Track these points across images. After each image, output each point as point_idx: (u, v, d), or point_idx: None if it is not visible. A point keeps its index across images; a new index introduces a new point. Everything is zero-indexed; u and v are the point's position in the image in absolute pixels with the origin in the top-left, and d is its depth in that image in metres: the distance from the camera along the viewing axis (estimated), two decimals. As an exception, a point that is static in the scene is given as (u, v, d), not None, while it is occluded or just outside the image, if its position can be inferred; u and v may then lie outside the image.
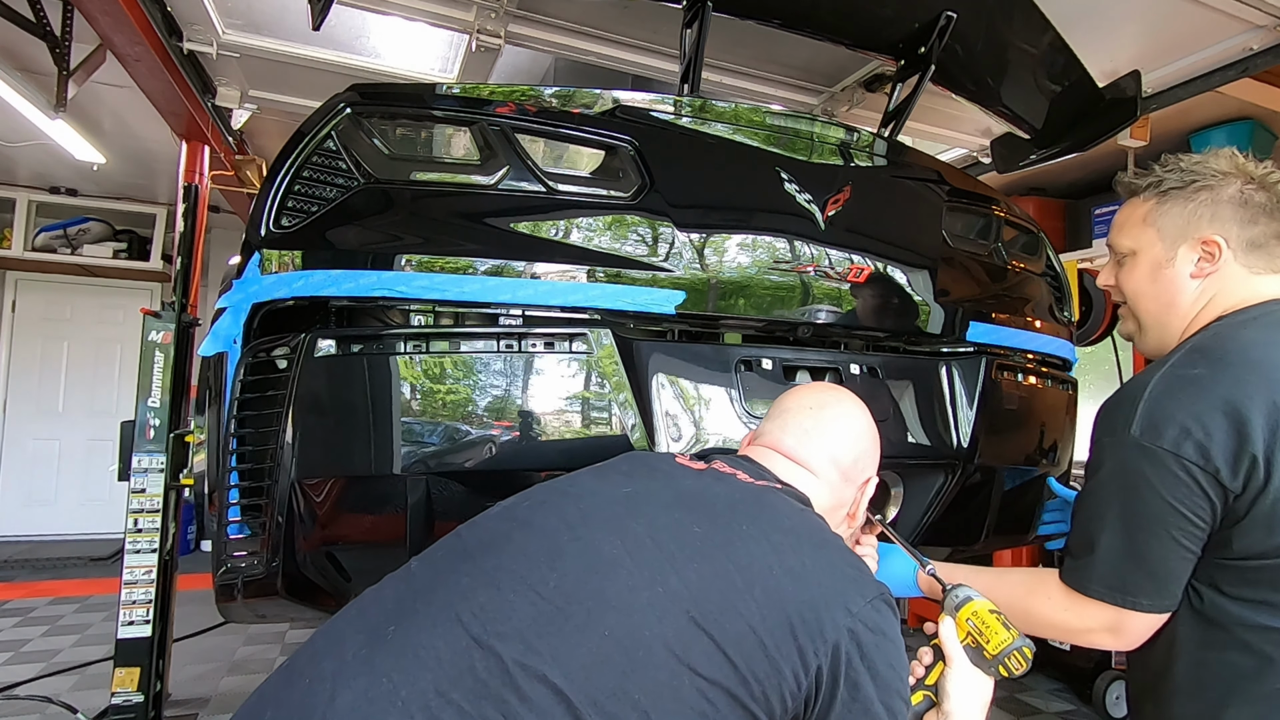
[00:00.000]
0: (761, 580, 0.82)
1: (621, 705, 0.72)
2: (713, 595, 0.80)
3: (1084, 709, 3.55)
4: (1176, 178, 1.22)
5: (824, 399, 1.18)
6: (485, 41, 2.38)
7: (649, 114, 1.49)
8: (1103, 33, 2.26)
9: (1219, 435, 1.01)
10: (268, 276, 1.30)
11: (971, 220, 1.84)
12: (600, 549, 0.84)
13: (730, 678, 0.76)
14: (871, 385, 1.56)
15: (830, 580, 0.86)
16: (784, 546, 0.87)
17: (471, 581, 0.81)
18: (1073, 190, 4.31)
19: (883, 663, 0.82)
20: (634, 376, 1.35)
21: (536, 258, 1.31)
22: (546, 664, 0.72)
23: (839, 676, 0.80)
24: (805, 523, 0.97)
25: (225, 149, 3.64)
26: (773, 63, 2.73)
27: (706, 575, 0.82)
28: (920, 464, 1.64)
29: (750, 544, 0.86)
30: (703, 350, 1.45)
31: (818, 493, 1.09)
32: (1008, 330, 1.75)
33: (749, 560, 0.84)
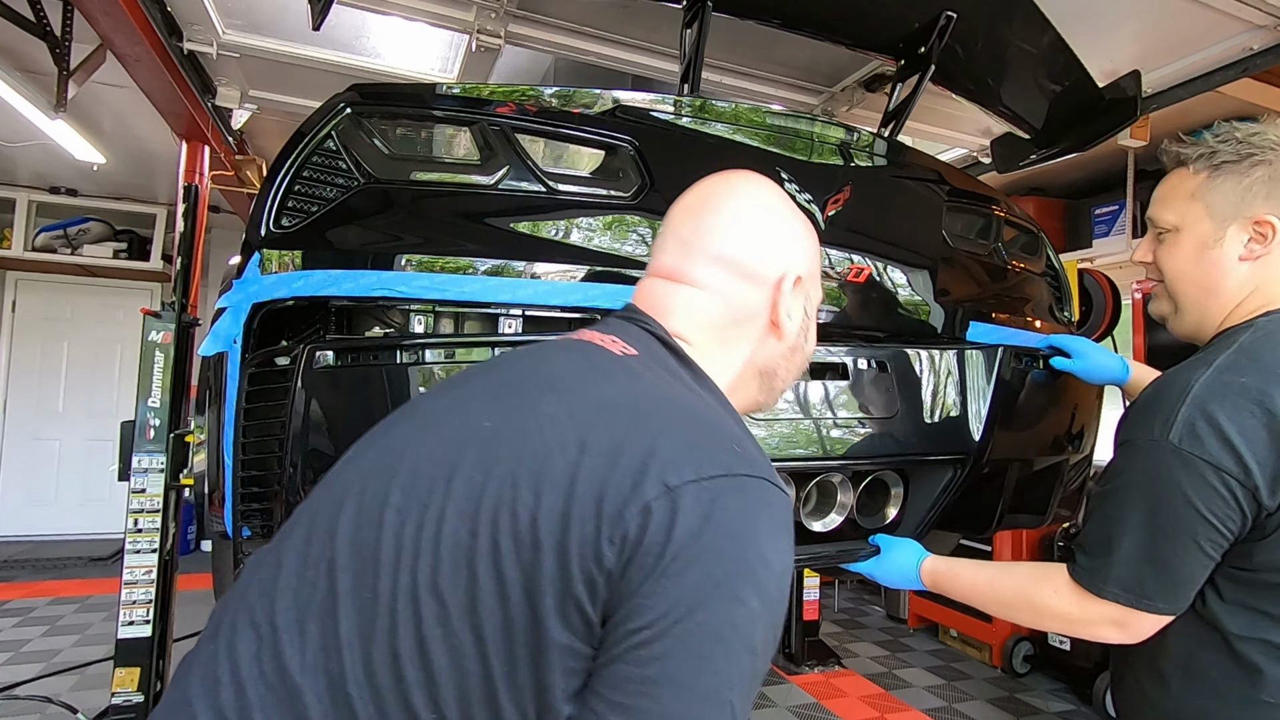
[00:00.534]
0: (552, 471, 0.65)
1: (404, 669, 0.62)
2: (487, 502, 0.65)
3: (1084, 709, 3.55)
4: (1231, 150, 1.11)
5: (704, 194, 0.94)
6: (485, 41, 2.38)
7: (649, 114, 1.49)
8: (1103, 33, 2.26)
9: (1262, 451, 0.97)
10: (268, 276, 1.30)
11: (971, 220, 1.84)
12: (380, 500, 0.69)
13: (515, 599, 0.62)
14: (878, 379, 1.56)
15: (643, 453, 0.65)
16: (593, 421, 0.69)
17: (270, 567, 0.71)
18: (1073, 190, 4.32)
19: (704, 563, 0.60)
20: None
21: (536, 258, 1.31)
22: (309, 646, 0.63)
23: (638, 576, 0.61)
24: (640, 389, 0.75)
25: (225, 149, 3.65)
26: (773, 63, 2.73)
27: (480, 479, 0.66)
28: (929, 461, 1.63)
29: (545, 427, 0.69)
30: None
31: (705, 309, 0.87)
32: (1008, 330, 1.75)
33: (536, 449, 0.67)
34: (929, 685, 3.75)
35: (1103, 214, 3.97)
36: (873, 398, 1.55)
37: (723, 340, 0.88)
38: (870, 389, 1.55)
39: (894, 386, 1.58)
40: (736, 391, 0.89)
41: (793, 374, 0.95)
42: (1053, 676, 3.86)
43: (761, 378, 0.92)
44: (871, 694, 3.63)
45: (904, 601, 4.70)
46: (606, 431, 0.68)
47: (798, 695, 3.58)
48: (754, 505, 0.65)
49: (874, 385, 1.56)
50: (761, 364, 0.91)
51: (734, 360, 0.89)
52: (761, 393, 0.93)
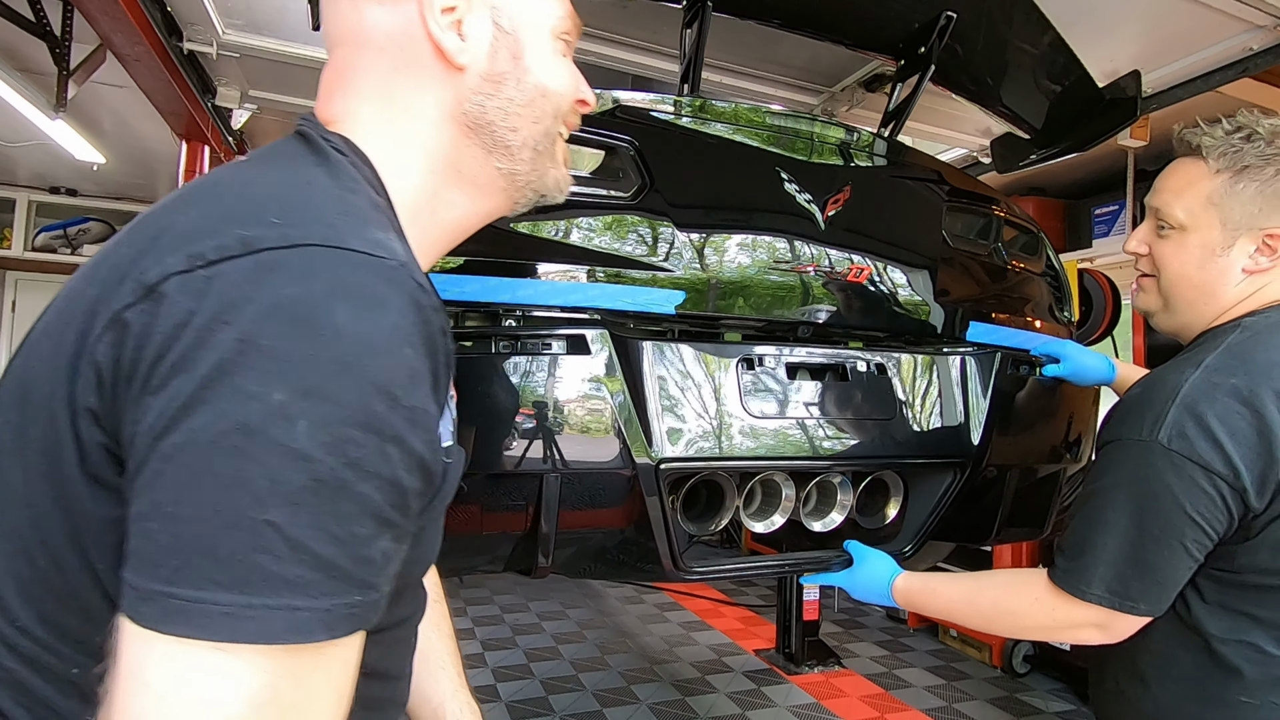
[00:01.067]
0: (68, 309, 0.55)
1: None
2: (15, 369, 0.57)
3: (1084, 709, 3.55)
4: (1256, 154, 1.04)
5: None
6: (485, 41, 2.37)
7: (649, 114, 1.49)
8: (1103, 33, 2.26)
9: (1251, 454, 0.96)
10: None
11: (971, 220, 1.84)
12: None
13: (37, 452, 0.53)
14: (877, 382, 1.56)
15: (132, 258, 0.52)
16: (113, 247, 0.57)
17: None
18: (1073, 190, 4.31)
19: (191, 362, 0.46)
20: (630, 375, 1.34)
21: (536, 257, 1.31)
22: None
23: (124, 400, 0.49)
24: (188, 195, 0.59)
25: (225, 149, 3.65)
26: (773, 63, 2.73)
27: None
28: (927, 464, 1.63)
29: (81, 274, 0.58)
30: (702, 349, 1.45)
31: (341, 69, 0.68)
32: (1008, 330, 1.75)
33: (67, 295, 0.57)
34: (929, 685, 3.75)
35: (1103, 214, 3.97)
36: (872, 400, 1.55)
37: (386, 103, 0.66)
38: (869, 391, 1.55)
39: (893, 389, 1.58)
40: (460, 163, 0.69)
41: (526, 117, 0.70)
42: (1053, 676, 3.86)
43: (476, 134, 0.69)
44: (871, 694, 3.63)
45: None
46: (116, 253, 0.55)
47: (798, 695, 3.58)
48: (275, 280, 0.48)
49: (873, 387, 1.56)
50: (463, 117, 0.68)
51: (416, 124, 0.67)
52: (496, 155, 0.70)
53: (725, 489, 1.47)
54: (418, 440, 0.51)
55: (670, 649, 4.16)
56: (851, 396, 1.54)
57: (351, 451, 0.47)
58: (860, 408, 1.54)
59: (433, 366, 0.55)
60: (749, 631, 4.51)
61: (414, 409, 0.51)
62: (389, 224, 0.61)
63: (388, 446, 0.49)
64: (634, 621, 4.63)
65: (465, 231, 0.74)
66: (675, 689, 3.58)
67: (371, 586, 0.49)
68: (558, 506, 1.32)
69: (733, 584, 5.59)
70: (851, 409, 1.53)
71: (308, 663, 0.47)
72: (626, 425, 1.32)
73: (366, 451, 0.48)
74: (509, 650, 4.06)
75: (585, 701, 3.43)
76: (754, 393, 1.45)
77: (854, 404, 1.54)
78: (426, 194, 0.68)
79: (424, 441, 0.52)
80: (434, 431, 0.54)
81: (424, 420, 0.52)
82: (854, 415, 1.54)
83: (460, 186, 0.70)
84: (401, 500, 0.50)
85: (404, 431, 0.50)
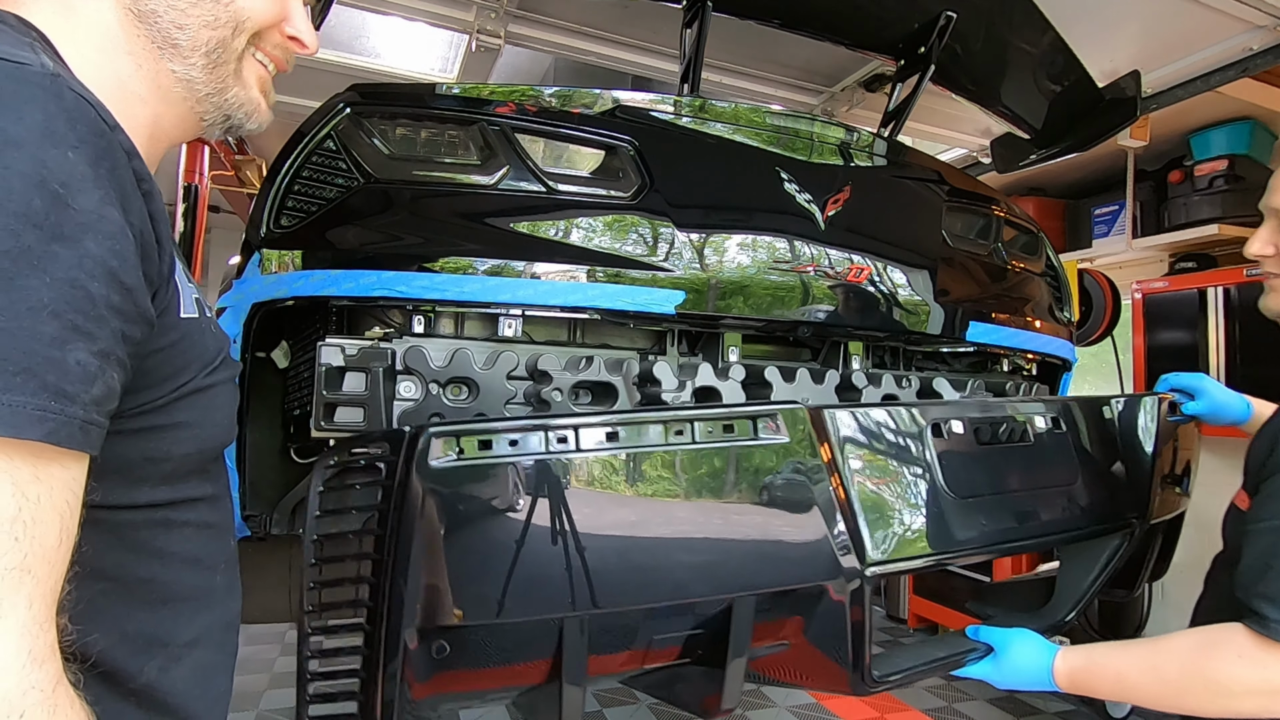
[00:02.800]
0: None
1: None
2: None
3: (1084, 709, 3.55)
4: None
5: None
6: (485, 41, 2.38)
7: (649, 114, 1.49)
8: (1103, 33, 2.26)
9: None
10: (267, 276, 1.31)
11: (971, 220, 1.84)
12: None
13: None
14: (1056, 442, 1.34)
15: None
16: None
17: None
18: (1073, 190, 4.31)
19: None
20: (831, 460, 1.09)
21: (537, 257, 1.31)
22: None
23: None
24: None
25: (225, 149, 3.65)
26: (773, 63, 2.73)
27: None
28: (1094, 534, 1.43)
29: None
30: (895, 415, 1.23)
31: None
32: (1008, 330, 1.75)
33: None
34: (929, 685, 3.74)
35: (1103, 214, 3.96)
36: (1059, 460, 1.37)
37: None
38: (1053, 450, 1.38)
39: (1075, 446, 1.40)
40: (136, 55, 0.69)
41: (195, 17, 0.70)
42: (1053, 676, 3.86)
43: (144, 24, 0.68)
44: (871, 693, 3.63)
45: (904, 601, 4.70)
46: None
47: (798, 695, 3.58)
48: None
49: (1057, 446, 1.38)
50: (130, 1, 0.68)
51: (85, 5, 0.67)
52: (168, 55, 0.70)
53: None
54: (97, 246, 0.52)
55: (670, 649, 4.15)
56: (1040, 457, 1.36)
57: (6, 241, 0.47)
58: (1050, 470, 1.37)
59: (115, 184, 0.55)
60: (749, 631, 4.51)
61: (86, 213, 0.52)
62: (59, 60, 0.62)
63: (54, 245, 0.49)
64: (634, 621, 4.62)
65: (162, 138, 0.75)
66: (675, 689, 3.58)
67: (68, 397, 0.50)
68: (749, 634, 1.07)
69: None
70: (1043, 472, 1.36)
71: (24, 469, 0.48)
72: (830, 526, 1.09)
73: (26, 243, 0.48)
74: (509, 650, 4.05)
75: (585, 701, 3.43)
76: (951, 467, 1.24)
77: (1044, 466, 1.37)
78: (109, 81, 0.67)
79: (110, 250, 0.53)
80: (121, 244, 0.54)
81: (103, 228, 0.53)
82: (1046, 480, 1.35)
83: (142, 83, 0.70)
84: (91, 308, 0.51)
85: (75, 233, 0.51)
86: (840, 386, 1.54)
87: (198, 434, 0.69)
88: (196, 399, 0.68)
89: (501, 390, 1.29)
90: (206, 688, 0.73)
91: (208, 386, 0.70)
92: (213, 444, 0.73)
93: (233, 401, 0.76)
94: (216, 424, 0.72)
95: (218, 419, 0.72)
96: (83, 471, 0.54)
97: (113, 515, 0.63)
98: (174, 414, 0.66)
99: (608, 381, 1.33)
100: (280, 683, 3.59)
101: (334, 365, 1.22)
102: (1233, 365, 3.15)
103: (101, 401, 0.53)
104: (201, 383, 0.69)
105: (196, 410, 0.69)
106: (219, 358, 0.72)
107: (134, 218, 0.57)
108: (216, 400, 0.72)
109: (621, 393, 1.33)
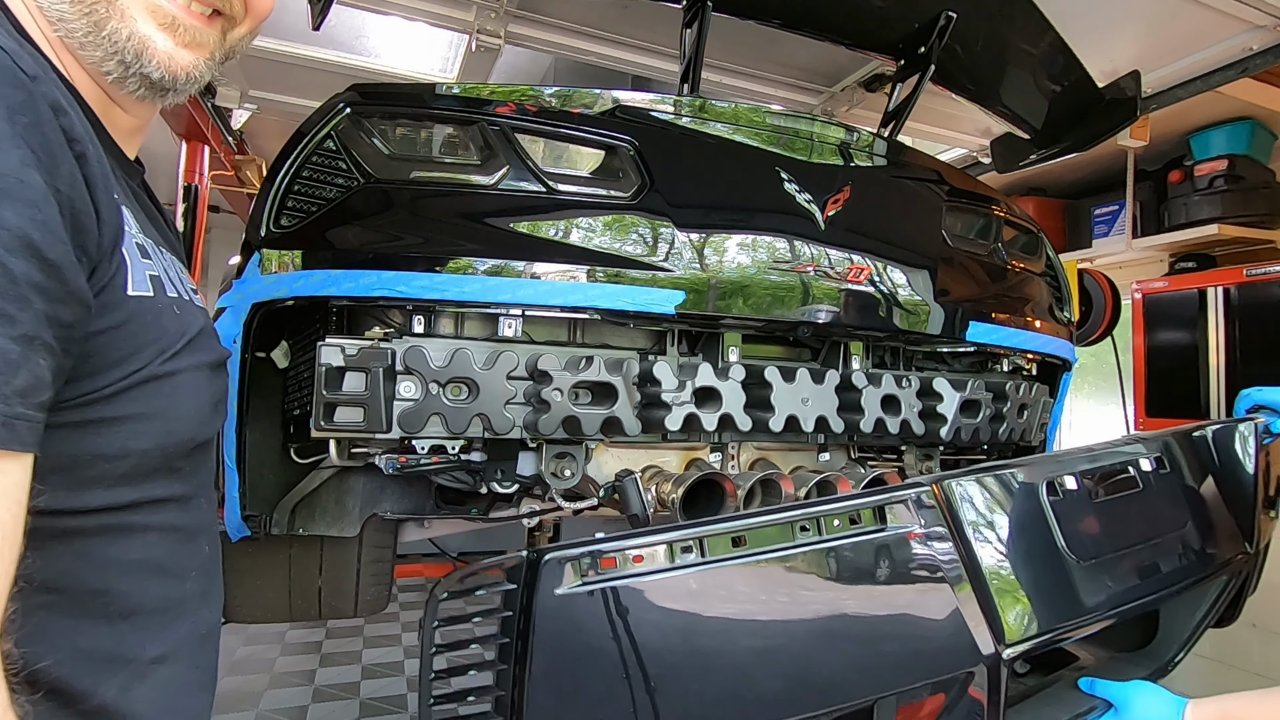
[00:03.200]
0: None
1: None
2: None
3: (1084, 709, 3.54)
4: None
5: None
6: (485, 41, 2.38)
7: (649, 114, 1.49)
8: (1103, 33, 2.25)
9: None
10: (267, 276, 1.31)
11: (971, 220, 1.84)
12: None
13: None
14: (1164, 483, 1.26)
15: None
16: None
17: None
18: (1073, 190, 4.31)
19: None
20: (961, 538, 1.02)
21: (537, 257, 1.31)
22: None
23: None
24: None
25: (225, 149, 3.64)
26: (773, 63, 2.73)
27: None
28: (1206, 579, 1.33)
29: None
30: (1007, 481, 1.15)
31: None
32: (1008, 330, 1.75)
33: None
34: None
35: (1103, 214, 3.96)
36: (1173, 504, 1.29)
37: None
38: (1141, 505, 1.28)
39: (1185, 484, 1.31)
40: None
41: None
42: (1053, 676, 3.86)
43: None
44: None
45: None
46: None
47: None
48: None
49: (1167, 489, 1.29)
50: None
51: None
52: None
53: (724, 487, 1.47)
54: (15, 215, 0.47)
55: (670, 649, 4.15)
56: (1152, 502, 1.28)
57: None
58: (1164, 514, 1.29)
59: (38, 143, 0.50)
60: (749, 631, 4.50)
61: (1, 177, 0.47)
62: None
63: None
64: (634, 621, 4.62)
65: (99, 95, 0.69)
66: (675, 689, 3.57)
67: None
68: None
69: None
70: (1157, 517, 1.28)
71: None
72: (965, 608, 1.01)
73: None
74: (509, 650, 4.05)
75: None
76: (1070, 528, 1.16)
77: (1157, 511, 1.29)
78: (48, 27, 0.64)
79: (30, 220, 0.48)
80: (45, 212, 0.49)
81: (22, 194, 0.48)
82: (1161, 525, 1.27)
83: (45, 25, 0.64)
84: (10, 287, 0.47)
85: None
86: (840, 387, 1.54)
87: (158, 427, 0.62)
88: (154, 388, 0.61)
89: (501, 390, 1.29)
90: (176, 708, 0.67)
91: (167, 374, 0.63)
92: (178, 439, 0.65)
93: (203, 391, 0.68)
94: (181, 416, 0.64)
95: (182, 411, 0.65)
96: (23, 474, 0.48)
97: (59, 522, 0.56)
98: (125, 405, 0.59)
99: (608, 382, 1.33)
100: (280, 683, 3.59)
101: (334, 365, 1.22)
102: (1233, 365, 3.15)
103: (27, 393, 0.47)
104: (158, 370, 0.62)
105: (155, 400, 0.62)
106: (181, 341, 0.64)
107: (62, 183, 0.51)
108: (180, 390, 0.64)
109: (621, 393, 1.33)
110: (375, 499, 1.70)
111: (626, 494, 1.41)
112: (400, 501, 1.73)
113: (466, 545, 6.01)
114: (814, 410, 1.49)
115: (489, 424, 1.28)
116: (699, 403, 1.39)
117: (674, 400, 1.37)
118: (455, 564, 5.74)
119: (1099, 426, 4.64)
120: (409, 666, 3.81)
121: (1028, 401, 1.81)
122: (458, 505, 1.76)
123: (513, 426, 1.30)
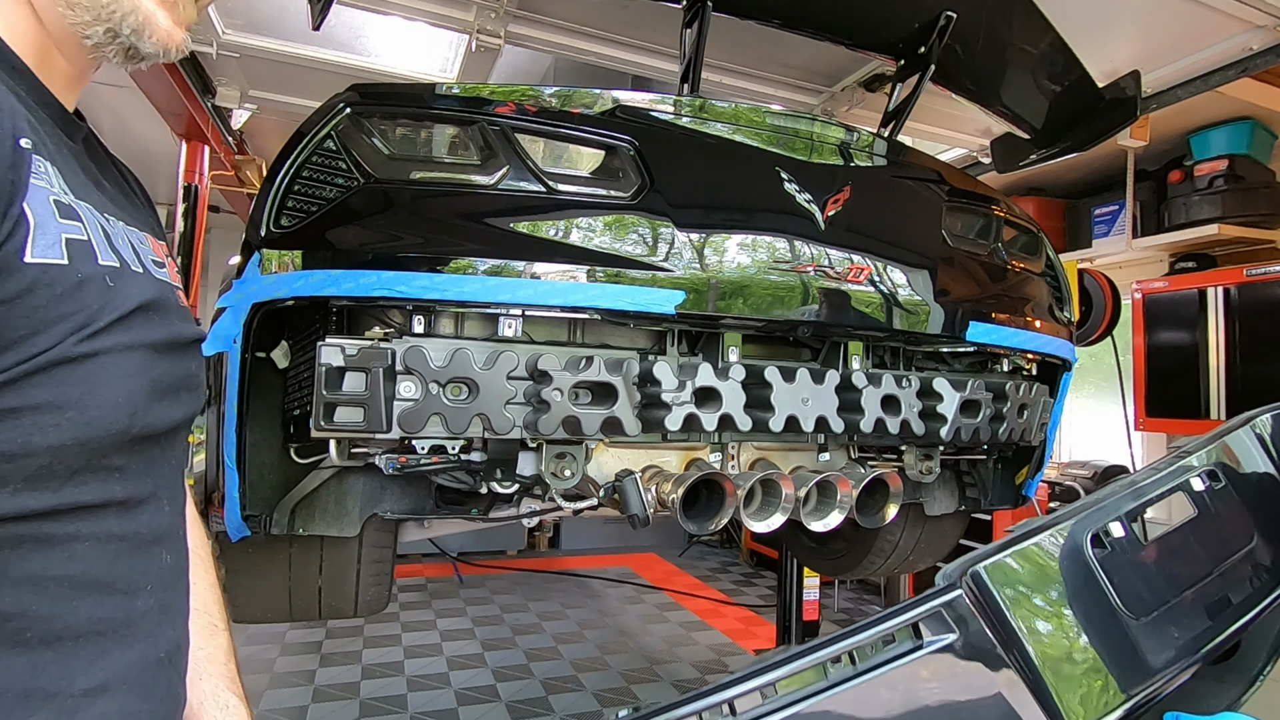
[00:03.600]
0: None
1: None
2: None
3: None
4: None
5: None
6: (485, 41, 2.38)
7: (649, 114, 1.49)
8: (1103, 33, 2.25)
9: None
10: (267, 276, 1.31)
11: (971, 220, 1.84)
12: None
13: None
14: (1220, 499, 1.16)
15: None
16: None
17: None
18: (1073, 190, 4.32)
19: None
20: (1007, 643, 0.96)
21: (536, 257, 1.31)
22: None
23: None
24: None
25: (225, 149, 3.64)
26: (773, 63, 2.73)
27: None
28: None
29: None
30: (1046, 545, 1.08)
31: None
32: (1008, 330, 1.75)
33: None
34: None
35: (1103, 214, 3.97)
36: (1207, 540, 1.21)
37: None
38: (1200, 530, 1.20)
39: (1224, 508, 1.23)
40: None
41: None
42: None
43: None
44: None
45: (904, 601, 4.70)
46: None
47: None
48: None
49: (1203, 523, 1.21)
50: None
51: None
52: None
53: (724, 487, 1.47)
54: None
55: (670, 649, 4.16)
56: (1213, 528, 1.20)
57: None
58: (1227, 534, 1.24)
59: None
60: (749, 631, 4.51)
61: None
62: None
63: None
64: (634, 621, 4.63)
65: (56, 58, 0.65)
66: (675, 689, 3.58)
67: None
68: None
69: (732, 584, 5.59)
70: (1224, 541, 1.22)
71: None
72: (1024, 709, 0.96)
73: None
74: (509, 650, 4.06)
75: (585, 701, 3.43)
76: (1124, 581, 1.09)
77: (1219, 533, 1.24)
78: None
79: None
80: None
81: None
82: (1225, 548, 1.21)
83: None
84: None
85: None
86: (840, 387, 1.54)
87: (73, 419, 0.53)
88: (65, 372, 0.52)
89: (501, 390, 1.29)
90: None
91: (84, 355, 0.53)
92: (103, 432, 0.55)
93: (138, 375, 0.58)
94: (103, 405, 0.55)
95: (106, 398, 0.55)
96: None
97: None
98: (27, 393, 0.50)
99: (608, 382, 1.33)
100: (280, 683, 3.59)
101: (334, 365, 1.22)
102: (1233, 365, 3.15)
103: None
104: (71, 350, 0.52)
105: (67, 387, 0.53)
106: (108, 317, 0.55)
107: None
108: (102, 374, 0.55)
109: (621, 393, 1.33)
110: (375, 499, 1.70)
111: (626, 494, 1.41)
112: (400, 501, 1.73)
113: (467, 545, 6.01)
114: (814, 410, 1.49)
115: (489, 424, 1.28)
116: (699, 403, 1.39)
117: (674, 400, 1.37)
118: (455, 564, 5.74)
119: (1098, 427, 4.64)
120: (409, 666, 3.81)
121: (1028, 401, 1.81)
122: (458, 505, 1.76)
123: (513, 426, 1.30)
